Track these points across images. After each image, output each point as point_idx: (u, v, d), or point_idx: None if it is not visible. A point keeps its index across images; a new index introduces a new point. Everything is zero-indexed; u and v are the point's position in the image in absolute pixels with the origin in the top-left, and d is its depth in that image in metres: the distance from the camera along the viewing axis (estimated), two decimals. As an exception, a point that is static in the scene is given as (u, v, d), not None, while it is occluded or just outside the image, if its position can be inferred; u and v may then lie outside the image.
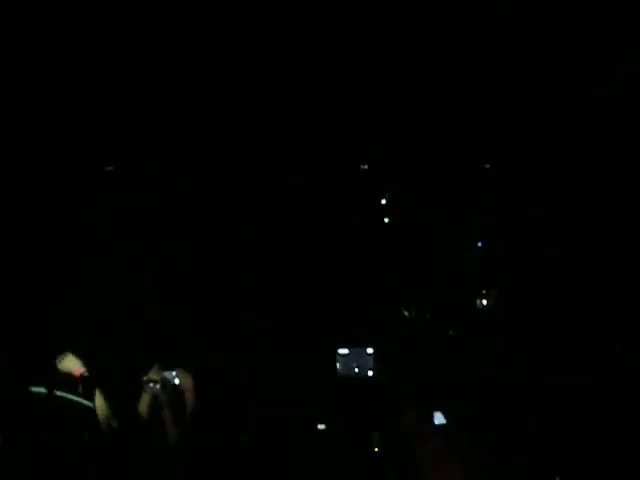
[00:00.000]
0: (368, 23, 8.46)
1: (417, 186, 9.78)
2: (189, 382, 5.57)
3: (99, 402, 4.77)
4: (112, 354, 5.42)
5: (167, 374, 5.54)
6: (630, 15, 7.79)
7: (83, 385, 4.76)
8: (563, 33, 8.10)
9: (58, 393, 4.57)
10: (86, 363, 4.87)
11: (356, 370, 5.18)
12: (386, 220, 9.95)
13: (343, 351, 5.25)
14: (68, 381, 4.72)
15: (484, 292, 9.23)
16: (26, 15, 7.91)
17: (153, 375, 5.51)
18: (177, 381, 5.54)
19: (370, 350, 5.05)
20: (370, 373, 5.10)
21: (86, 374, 4.84)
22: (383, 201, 10.01)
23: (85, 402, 4.68)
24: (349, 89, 8.93)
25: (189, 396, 5.53)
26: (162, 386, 5.47)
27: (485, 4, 8.22)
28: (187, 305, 8.58)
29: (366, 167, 9.81)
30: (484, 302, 9.22)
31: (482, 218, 9.65)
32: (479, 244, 9.73)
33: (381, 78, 8.92)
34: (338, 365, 5.24)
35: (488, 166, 9.69)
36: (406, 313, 9.19)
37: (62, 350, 4.88)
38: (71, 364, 4.81)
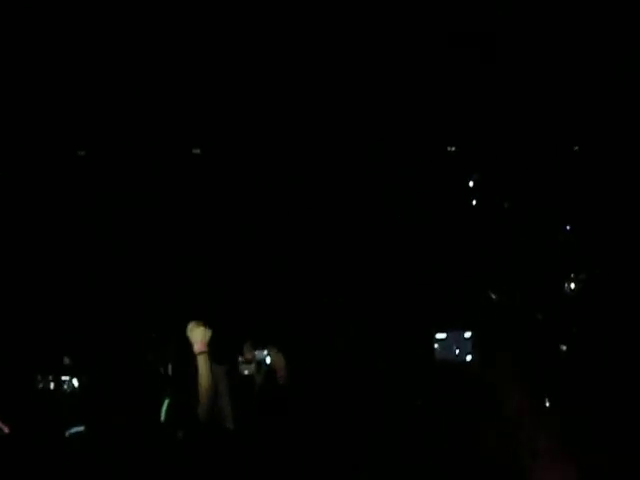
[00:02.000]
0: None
1: (506, 168, 9.70)
2: (281, 361, 5.63)
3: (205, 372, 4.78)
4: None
5: (259, 353, 5.62)
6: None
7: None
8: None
9: None
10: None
11: (456, 353, 5.16)
12: (474, 202, 9.89)
13: (441, 335, 5.23)
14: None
15: (573, 276, 9.13)
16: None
17: (247, 354, 5.60)
18: (269, 360, 5.62)
19: (468, 334, 5.01)
20: (469, 357, 5.07)
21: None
22: (471, 183, 9.95)
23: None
24: (434, 71, 8.93)
25: (281, 375, 5.59)
26: (256, 365, 5.57)
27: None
28: (279, 286, 8.68)
29: (454, 149, 9.77)
30: (572, 286, 9.13)
31: (571, 201, 9.54)
32: (567, 227, 9.63)
33: (464, 62, 8.90)
34: (436, 349, 5.22)
35: (577, 148, 9.58)
36: (494, 297, 9.13)
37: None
38: (201, 335, 4.82)
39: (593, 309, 8.44)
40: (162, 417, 4.49)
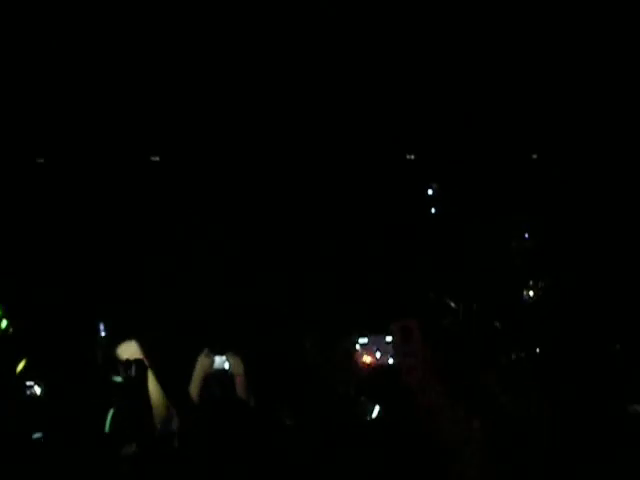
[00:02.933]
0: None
1: (464, 177, 9.72)
2: (240, 367, 5.56)
3: (152, 386, 4.75)
4: (162, 340, 5.42)
5: (217, 358, 5.54)
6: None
7: (136, 368, 4.75)
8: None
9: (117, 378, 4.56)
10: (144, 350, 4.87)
11: (377, 357, 5.16)
12: (432, 211, 9.91)
13: (363, 340, 5.24)
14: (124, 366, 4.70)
15: (531, 283, 9.15)
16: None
17: (203, 359, 5.52)
18: (227, 366, 5.54)
19: (389, 338, 5.00)
20: (391, 361, 5.06)
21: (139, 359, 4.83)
22: (430, 192, 9.97)
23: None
24: (396, 79, 8.91)
25: (240, 381, 5.52)
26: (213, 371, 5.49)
27: None
28: (236, 290, 8.63)
29: (413, 157, 9.77)
30: (531, 294, 9.15)
31: (529, 209, 9.58)
32: (526, 235, 9.66)
33: (424, 71, 8.91)
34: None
35: (535, 156, 9.63)
36: (452, 304, 9.12)
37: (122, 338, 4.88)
38: (130, 351, 4.78)
39: (551, 316, 8.46)
40: (106, 428, 4.39)
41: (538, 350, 7.21)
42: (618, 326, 7.60)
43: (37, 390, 5.10)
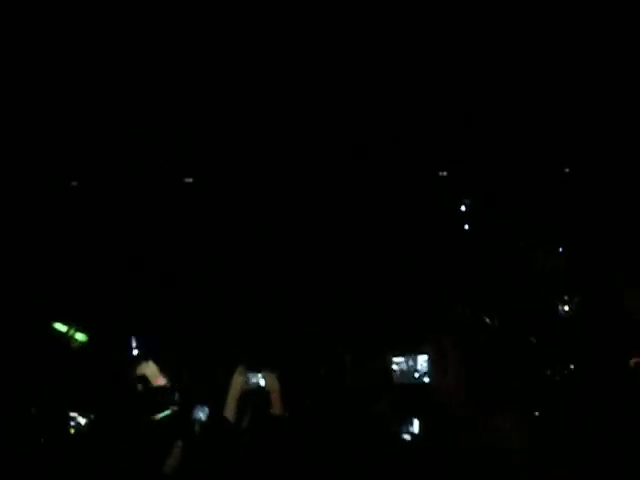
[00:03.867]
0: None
1: (497, 192, 9.71)
2: (275, 384, 5.58)
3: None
4: (199, 358, 5.46)
5: (252, 376, 5.57)
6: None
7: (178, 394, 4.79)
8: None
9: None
10: (165, 372, 4.90)
11: (416, 377, 5.15)
12: (466, 227, 9.90)
13: (398, 359, 5.23)
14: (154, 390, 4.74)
15: (566, 298, 9.10)
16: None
17: (238, 376, 5.55)
18: (262, 383, 5.56)
19: (424, 357, 5.00)
20: (427, 380, 5.05)
21: (167, 383, 4.86)
22: (463, 208, 9.96)
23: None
24: (428, 95, 8.93)
25: (275, 397, 5.54)
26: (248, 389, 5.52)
27: None
28: (275, 306, 8.67)
29: (445, 174, 9.79)
30: (566, 308, 9.09)
31: (564, 223, 9.54)
32: (561, 250, 9.62)
33: (457, 87, 8.91)
34: (395, 373, 5.25)
35: (568, 170, 9.60)
36: (488, 320, 9.09)
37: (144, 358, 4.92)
38: (149, 371, 4.83)
39: (587, 331, 8.40)
40: None
41: (573, 366, 7.18)
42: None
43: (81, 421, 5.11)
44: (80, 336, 5.06)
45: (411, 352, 5.33)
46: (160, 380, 4.88)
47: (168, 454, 4.61)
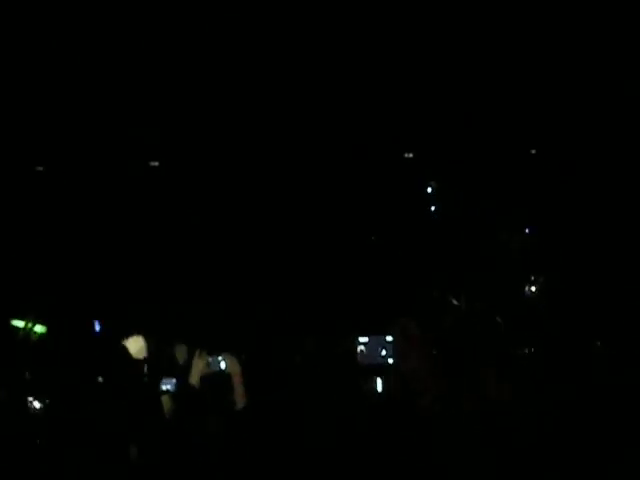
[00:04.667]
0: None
1: (462, 174, 9.70)
2: (236, 367, 5.55)
3: None
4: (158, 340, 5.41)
5: (213, 359, 5.53)
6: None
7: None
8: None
9: None
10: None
11: (382, 354, 5.14)
12: (432, 208, 9.89)
13: (363, 339, 5.22)
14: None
15: (532, 279, 9.12)
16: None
17: (197, 361, 5.51)
18: (223, 366, 5.53)
19: (389, 338, 5.00)
20: (391, 360, 5.06)
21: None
22: (429, 190, 9.95)
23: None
24: (393, 76, 8.90)
25: (237, 381, 5.50)
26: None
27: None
28: (233, 290, 8.64)
29: (411, 155, 9.76)
30: (532, 289, 9.11)
31: (529, 204, 9.56)
32: (527, 230, 9.64)
33: (422, 67, 8.89)
34: (360, 352, 5.24)
35: (534, 151, 9.60)
36: (455, 302, 9.09)
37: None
38: (137, 347, 4.80)
39: (554, 311, 8.43)
40: None
41: (538, 347, 7.19)
42: (618, 322, 7.58)
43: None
44: (39, 328, 4.99)
45: (376, 333, 5.34)
46: (142, 353, 4.84)
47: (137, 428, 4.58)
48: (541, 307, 8.78)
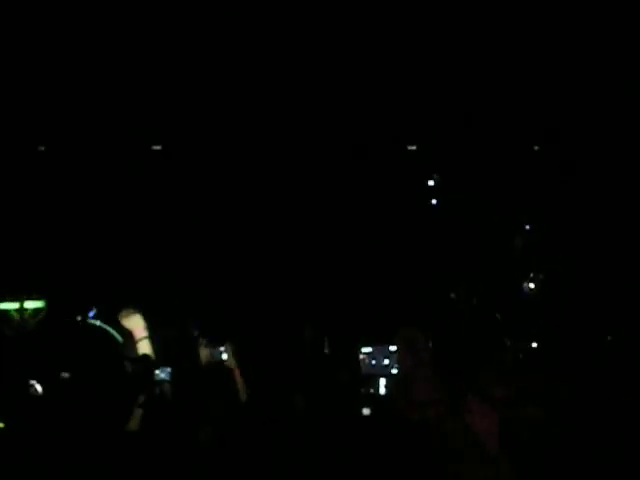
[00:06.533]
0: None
1: (465, 168, 9.69)
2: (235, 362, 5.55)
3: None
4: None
5: (214, 351, 5.53)
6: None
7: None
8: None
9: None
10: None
11: (385, 364, 5.16)
12: (434, 202, 9.88)
13: (366, 349, 5.24)
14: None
15: (531, 276, 9.14)
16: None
17: (201, 350, 5.52)
18: (225, 357, 5.53)
19: (393, 348, 5.01)
20: (394, 371, 5.07)
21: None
22: (431, 182, 9.94)
23: None
24: (398, 70, 8.89)
25: (237, 374, 5.51)
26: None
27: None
28: (236, 281, 8.64)
29: (414, 148, 9.75)
30: (531, 286, 9.14)
31: (531, 201, 9.56)
32: (527, 228, 9.64)
33: (426, 61, 8.88)
34: (364, 362, 5.26)
35: (537, 148, 9.60)
36: (453, 296, 9.12)
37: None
38: (133, 321, 4.78)
39: (552, 308, 8.45)
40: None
41: (537, 343, 7.21)
42: (616, 318, 7.60)
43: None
44: (30, 304, 4.97)
45: (380, 344, 5.35)
46: (142, 332, 4.81)
47: (130, 413, 4.58)
48: (539, 304, 8.81)
